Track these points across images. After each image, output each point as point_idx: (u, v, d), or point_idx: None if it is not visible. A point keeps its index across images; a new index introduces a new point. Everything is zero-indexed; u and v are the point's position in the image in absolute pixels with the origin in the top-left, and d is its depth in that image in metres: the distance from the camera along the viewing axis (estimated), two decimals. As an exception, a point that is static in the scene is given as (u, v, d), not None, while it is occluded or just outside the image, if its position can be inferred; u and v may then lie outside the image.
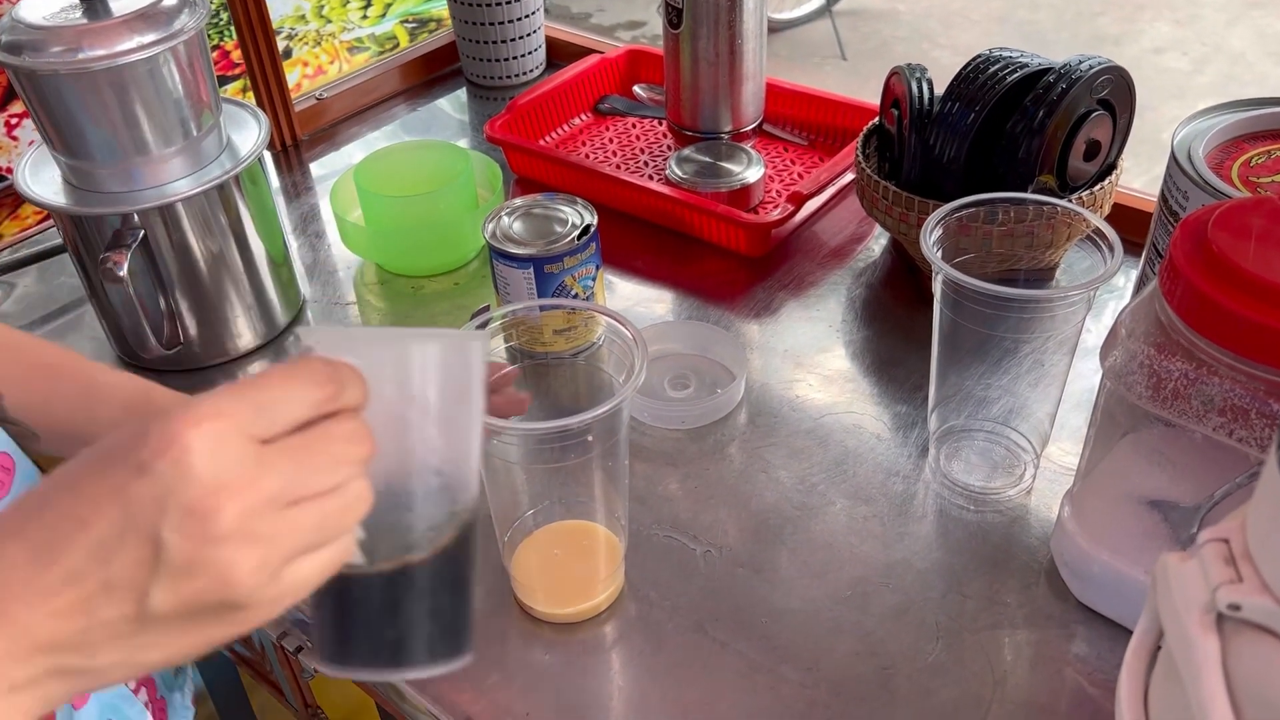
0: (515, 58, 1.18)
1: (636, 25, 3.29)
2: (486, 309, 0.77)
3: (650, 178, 0.99)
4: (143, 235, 0.74)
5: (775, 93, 1.04)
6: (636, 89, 1.13)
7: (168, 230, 0.75)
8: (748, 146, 0.97)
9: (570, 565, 0.63)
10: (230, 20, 1.04)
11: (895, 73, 0.81)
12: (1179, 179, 0.67)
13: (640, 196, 0.93)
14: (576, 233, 0.76)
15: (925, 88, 0.79)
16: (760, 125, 1.02)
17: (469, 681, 0.59)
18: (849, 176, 0.95)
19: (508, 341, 0.63)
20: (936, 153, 0.77)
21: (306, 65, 1.19)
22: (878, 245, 0.91)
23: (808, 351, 0.80)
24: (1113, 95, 0.75)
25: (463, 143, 1.10)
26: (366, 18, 1.22)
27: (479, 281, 0.90)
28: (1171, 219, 0.68)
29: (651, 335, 0.79)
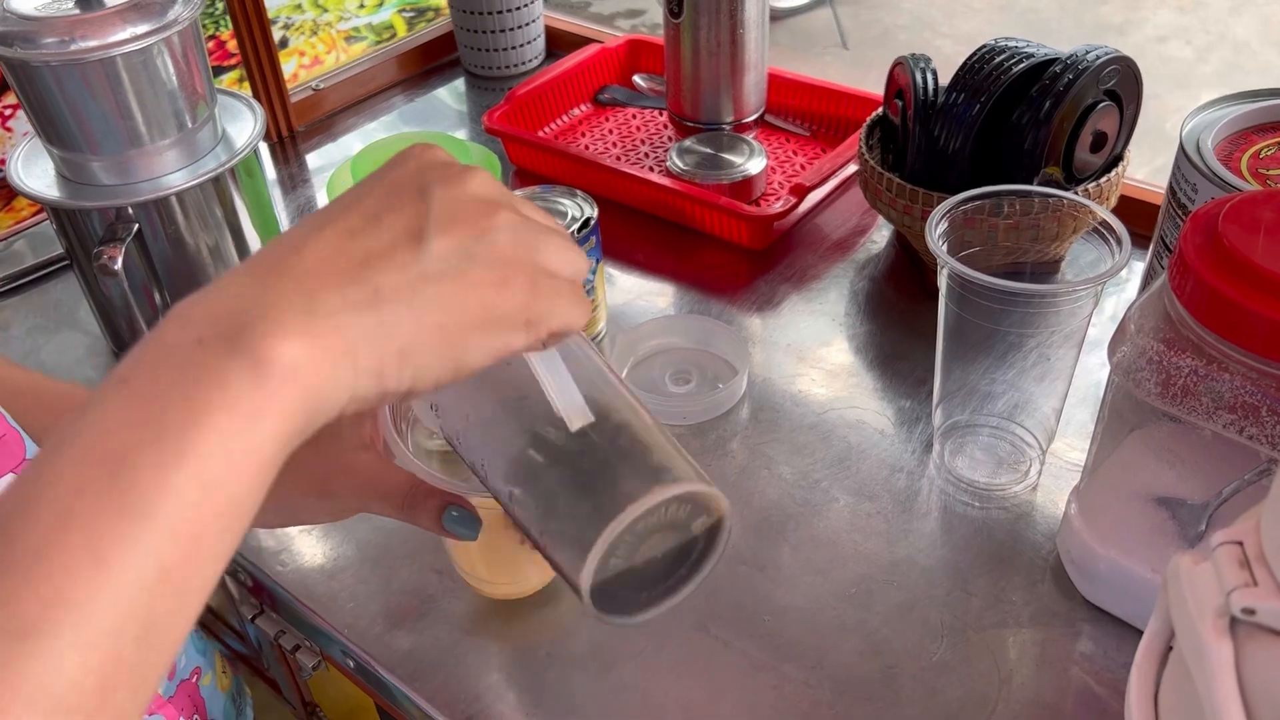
0: (514, 47, 1.17)
1: (636, 14, 3.27)
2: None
3: (651, 169, 0.98)
4: (137, 229, 0.73)
5: (777, 83, 1.03)
6: (637, 79, 1.12)
7: (162, 223, 0.75)
8: (749, 137, 0.96)
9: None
10: (225, 10, 1.03)
11: (899, 63, 0.80)
12: (1188, 171, 0.66)
13: (641, 188, 0.93)
14: (576, 226, 0.75)
15: (930, 78, 0.78)
16: (762, 116, 1.01)
17: (469, 681, 0.58)
18: (852, 168, 0.94)
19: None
20: (941, 144, 0.76)
21: (303, 55, 1.18)
22: (881, 238, 0.90)
23: (810, 346, 0.79)
24: (1119, 86, 0.74)
25: (461, 134, 1.09)
26: (364, 7, 1.21)
27: (478, 274, 0.89)
28: (1180, 212, 0.67)
29: (652, 329, 0.78)
